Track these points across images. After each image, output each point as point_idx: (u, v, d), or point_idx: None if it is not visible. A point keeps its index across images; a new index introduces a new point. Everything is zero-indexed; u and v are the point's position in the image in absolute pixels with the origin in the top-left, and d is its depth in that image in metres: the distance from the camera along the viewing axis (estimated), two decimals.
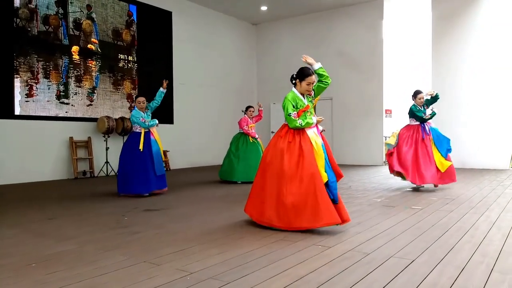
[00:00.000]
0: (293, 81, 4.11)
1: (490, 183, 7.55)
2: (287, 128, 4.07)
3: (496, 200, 5.65)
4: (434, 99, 6.75)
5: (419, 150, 6.56)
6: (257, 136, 8.17)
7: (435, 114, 6.69)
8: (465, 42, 10.77)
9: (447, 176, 6.53)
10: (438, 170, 6.48)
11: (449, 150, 6.60)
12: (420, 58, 12.70)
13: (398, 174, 6.71)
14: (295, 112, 3.96)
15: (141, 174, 6.11)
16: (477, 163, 10.50)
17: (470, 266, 2.84)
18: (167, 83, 6.69)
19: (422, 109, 6.75)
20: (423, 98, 6.72)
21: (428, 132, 6.66)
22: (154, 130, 6.48)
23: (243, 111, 8.34)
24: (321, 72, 4.00)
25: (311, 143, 3.92)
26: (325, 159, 3.92)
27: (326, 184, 3.81)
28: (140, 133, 6.30)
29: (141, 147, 6.16)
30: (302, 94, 4.05)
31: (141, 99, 6.43)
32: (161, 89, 6.55)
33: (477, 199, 5.75)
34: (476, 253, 3.15)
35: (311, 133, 3.99)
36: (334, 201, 3.82)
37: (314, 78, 3.96)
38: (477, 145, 10.49)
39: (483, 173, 9.24)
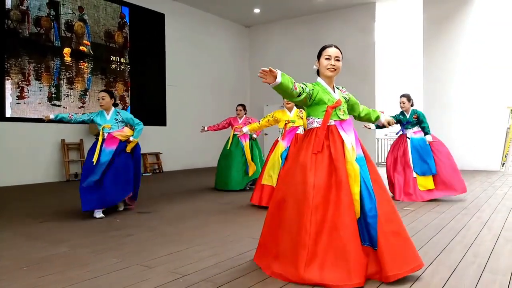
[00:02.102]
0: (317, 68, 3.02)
1: (482, 184, 7.62)
2: (312, 132, 2.86)
3: (487, 201, 5.70)
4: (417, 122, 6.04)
5: (398, 163, 6.01)
6: (244, 140, 7.21)
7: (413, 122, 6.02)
8: (456, 44, 10.87)
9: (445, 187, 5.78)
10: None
11: (426, 172, 5.76)
12: (412, 60, 12.79)
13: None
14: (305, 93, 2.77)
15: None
16: (468, 165, 10.58)
17: (462, 266, 2.86)
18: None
19: (407, 115, 6.07)
20: (402, 103, 6.08)
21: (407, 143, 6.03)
22: (118, 135, 4.98)
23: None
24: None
25: (344, 155, 2.74)
26: (364, 181, 2.68)
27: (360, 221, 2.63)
28: (97, 140, 4.93)
29: (95, 159, 4.79)
30: (332, 87, 2.95)
31: (101, 94, 5.03)
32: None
33: (468, 200, 5.79)
34: (468, 253, 3.17)
35: (348, 141, 2.80)
36: (372, 246, 2.60)
37: (335, 51, 2.89)
38: (469, 146, 10.57)
39: (474, 175, 9.31)
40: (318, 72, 2.99)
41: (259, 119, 7.16)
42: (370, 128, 6.10)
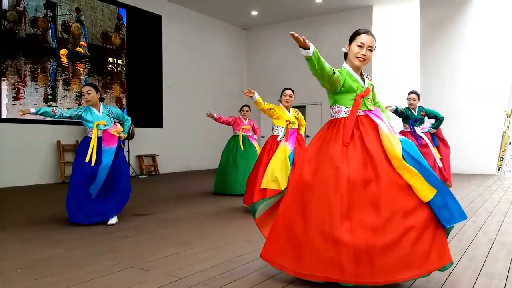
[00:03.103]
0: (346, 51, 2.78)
1: (477, 188, 7.65)
2: (340, 122, 2.64)
3: (483, 205, 5.73)
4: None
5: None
6: (254, 138, 7.22)
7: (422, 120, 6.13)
8: (453, 48, 10.94)
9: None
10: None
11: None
12: (408, 64, 12.83)
13: None
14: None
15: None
16: (464, 168, 10.63)
17: (457, 270, 2.87)
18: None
19: (415, 112, 6.11)
20: (412, 100, 6.09)
21: (422, 138, 5.98)
22: (114, 131, 4.64)
23: (239, 111, 7.41)
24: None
25: (380, 144, 2.49)
26: (417, 160, 2.43)
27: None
28: (90, 138, 4.57)
29: (89, 159, 4.43)
30: (360, 74, 2.74)
31: (85, 89, 4.60)
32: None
33: (464, 204, 5.81)
34: (463, 257, 3.18)
35: (384, 126, 2.55)
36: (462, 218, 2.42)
37: (370, 40, 2.65)
38: (465, 150, 10.60)
39: (470, 178, 9.35)
40: (345, 56, 2.76)
41: (256, 121, 7.14)
42: None
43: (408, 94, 6.16)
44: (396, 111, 6.09)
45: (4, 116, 8.14)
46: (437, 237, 2.36)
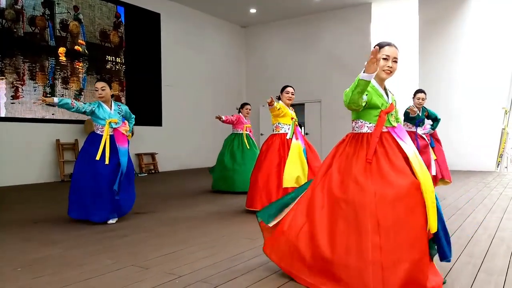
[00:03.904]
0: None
1: (477, 184, 7.65)
2: (363, 137, 2.59)
3: (482, 201, 5.73)
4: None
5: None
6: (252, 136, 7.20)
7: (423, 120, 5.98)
8: (452, 45, 10.92)
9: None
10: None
11: None
12: (407, 61, 12.82)
13: None
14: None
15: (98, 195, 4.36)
16: (463, 165, 10.63)
17: (457, 266, 2.87)
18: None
19: (418, 113, 5.92)
20: (421, 99, 5.85)
21: (423, 139, 5.92)
22: (124, 130, 4.60)
23: (237, 109, 7.33)
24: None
25: (404, 161, 2.48)
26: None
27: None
28: (101, 135, 4.44)
29: (98, 157, 4.33)
30: (384, 88, 2.67)
31: (99, 84, 4.57)
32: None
33: (463, 200, 5.81)
34: (463, 254, 3.18)
35: (409, 150, 2.53)
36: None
37: (394, 51, 2.58)
38: (465, 147, 10.60)
39: (469, 175, 9.35)
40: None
41: (254, 120, 7.10)
42: None
43: (417, 93, 5.92)
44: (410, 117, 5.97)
45: (3, 115, 8.11)
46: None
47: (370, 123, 2.59)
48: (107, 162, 4.31)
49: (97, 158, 4.31)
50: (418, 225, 2.31)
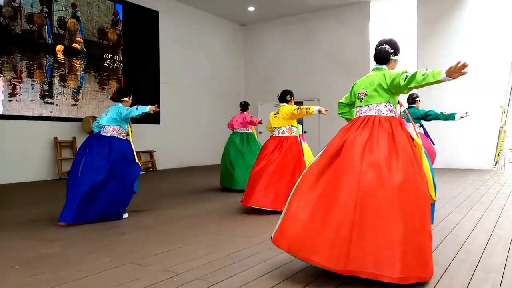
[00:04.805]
0: (389, 56, 3.08)
1: (474, 183, 7.66)
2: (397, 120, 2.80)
3: (479, 199, 5.74)
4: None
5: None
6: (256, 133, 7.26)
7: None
8: (450, 43, 10.93)
9: None
10: None
11: None
12: (405, 59, 12.84)
13: None
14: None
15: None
16: (461, 163, 10.65)
17: (455, 264, 2.88)
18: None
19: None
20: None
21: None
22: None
23: (241, 105, 7.14)
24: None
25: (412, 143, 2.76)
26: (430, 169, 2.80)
27: None
28: (128, 141, 4.97)
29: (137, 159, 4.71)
30: None
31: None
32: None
33: (461, 198, 5.82)
34: (460, 252, 3.19)
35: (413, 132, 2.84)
36: None
37: None
38: (462, 145, 10.61)
39: (467, 173, 9.37)
40: (383, 60, 3.09)
41: (253, 117, 7.10)
42: None
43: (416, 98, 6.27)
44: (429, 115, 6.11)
45: (0, 112, 8.09)
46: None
47: (394, 107, 2.84)
48: (140, 164, 4.62)
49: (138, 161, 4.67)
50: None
